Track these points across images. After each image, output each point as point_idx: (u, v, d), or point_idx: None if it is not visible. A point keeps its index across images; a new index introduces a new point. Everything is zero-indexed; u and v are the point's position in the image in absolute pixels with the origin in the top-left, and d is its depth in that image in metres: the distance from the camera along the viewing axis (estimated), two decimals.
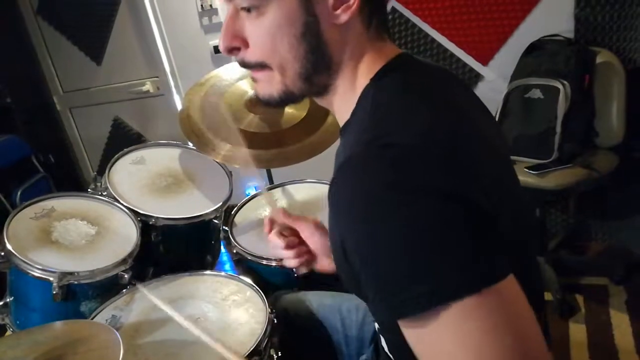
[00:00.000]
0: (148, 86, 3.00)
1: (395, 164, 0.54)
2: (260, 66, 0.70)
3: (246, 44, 0.69)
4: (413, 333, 0.55)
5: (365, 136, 0.60)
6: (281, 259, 1.36)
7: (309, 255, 1.05)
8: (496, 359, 0.50)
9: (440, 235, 0.52)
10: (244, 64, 0.71)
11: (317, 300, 1.20)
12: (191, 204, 1.55)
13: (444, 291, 0.51)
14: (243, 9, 0.67)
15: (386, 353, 0.84)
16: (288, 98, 0.72)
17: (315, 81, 0.70)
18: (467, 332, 0.51)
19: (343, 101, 0.71)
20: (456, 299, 0.51)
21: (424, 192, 0.53)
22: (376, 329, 0.88)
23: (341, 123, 0.73)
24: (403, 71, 0.68)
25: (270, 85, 0.71)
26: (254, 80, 0.74)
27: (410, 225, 0.52)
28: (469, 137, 0.62)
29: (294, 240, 1.04)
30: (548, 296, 2.01)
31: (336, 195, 0.59)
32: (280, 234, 1.05)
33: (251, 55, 0.69)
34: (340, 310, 1.15)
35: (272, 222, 1.07)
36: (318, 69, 0.69)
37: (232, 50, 0.70)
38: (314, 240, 1.03)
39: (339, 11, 0.65)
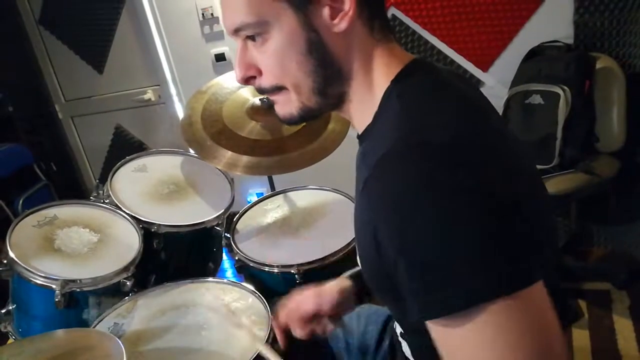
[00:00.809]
0: (149, 94, 3.01)
1: (433, 162, 0.55)
2: (277, 89, 0.71)
3: (260, 72, 0.71)
4: (441, 332, 0.56)
5: (399, 133, 0.60)
6: (284, 266, 1.38)
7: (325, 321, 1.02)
8: None
9: (477, 236, 0.52)
10: (261, 90, 0.73)
11: None
12: (193, 211, 1.55)
13: (478, 293, 0.51)
14: (248, 37, 0.68)
15: (407, 358, 0.83)
16: (307, 114, 0.73)
17: (330, 93, 0.70)
18: (491, 333, 0.52)
19: (361, 106, 0.72)
20: (489, 301, 0.51)
21: (466, 191, 0.53)
22: (398, 333, 0.88)
23: (360, 128, 0.73)
24: (424, 73, 0.69)
25: (289, 105, 0.72)
26: (273, 102, 0.75)
27: (449, 224, 0.53)
28: (495, 135, 0.63)
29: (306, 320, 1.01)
30: None
31: (373, 189, 0.59)
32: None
33: (266, 81, 0.71)
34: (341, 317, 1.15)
35: (283, 332, 1.03)
36: (330, 81, 0.69)
37: (249, 80, 0.72)
38: (328, 305, 0.99)
39: (336, 20, 0.65)
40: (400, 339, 0.87)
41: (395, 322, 0.87)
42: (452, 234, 0.53)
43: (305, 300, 1.01)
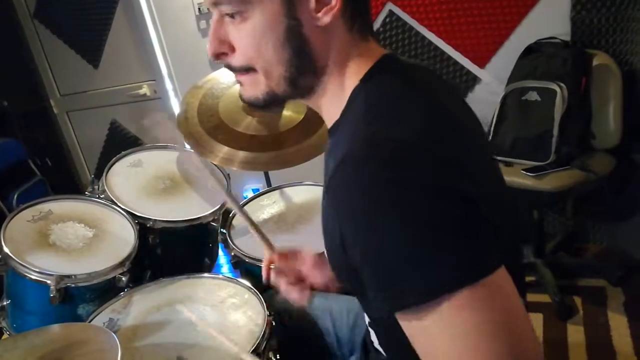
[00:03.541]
0: (145, 89, 3.00)
1: (393, 161, 0.56)
2: (246, 70, 0.70)
3: (233, 49, 0.70)
4: (410, 325, 0.57)
5: (361, 134, 0.61)
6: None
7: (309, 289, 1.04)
8: (488, 350, 0.52)
9: (438, 229, 0.53)
10: (230, 68, 0.72)
11: None
12: (189, 207, 1.55)
13: (441, 284, 0.53)
14: (227, 14, 0.67)
15: (375, 348, 0.84)
16: (272, 100, 0.72)
17: (300, 84, 0.70)
18: (461, 323, 0.53)
19: (331, 102, 0.72)
20: (452, 291, 0.52)
21: (422, 188, 0.54)
22: (366, 322, 0.88)
23: (329, 123, 0.74)
24: (391, 71, 0.69)
25: (256, 87, 0.71)
26: (239, 83, 0.74)
27: (409, 219, 0.54)
28: (459, 133, 0.64)
29: (295, 278, 1.03)
30: (546, 298, 2.02)
31: (336, 190, 0.60)
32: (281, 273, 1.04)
33: (237, 59, 0.70)
34: (331, 312, 1.16)
35: (269, 267, 1.06)
36: (303, 72, 0.69)
37: (220, 56, 0.71)
38: (316, 274, 1.02)
39: (321, 13, 0.65)
40: (369, 327, 0.87)
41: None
42: (412, 232, 0.54)
43: (304, 261, 1.02)
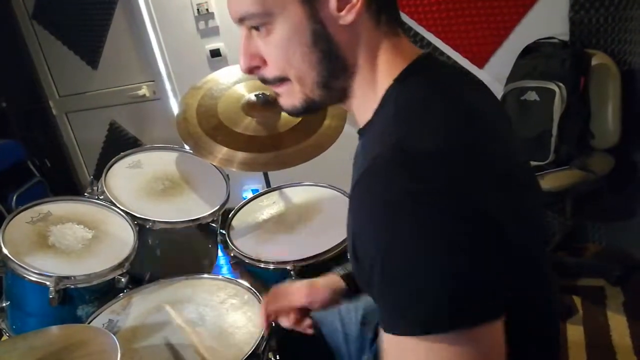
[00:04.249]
0: (144, 90, 3.00)
1: (418, 173, 0.54)
2: (280, 80, 0.71)
3: (264, 62, 0.70)
4: (389, 344, 0.56)
5: (390, 138, 0.60)
6: (279, 262, 1.38)
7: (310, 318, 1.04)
8: None
9: (448, 261, 0.52)
10: (264, 81, 0.72)
11: None
12: (188, 208, 1.55)
13: (431, 323, 0.52)
14: (253, 27, 0.68)
15: None
16: (310, 106, 0.72)
17: (333, 86, 0.70)
18: None
19: (364, 101, 0.71)
20: (446, 332, 0.51)
21: (442, 208, 0.53)
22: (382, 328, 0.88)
23: (361, 122, 0.73)
24: (426, 73, 0.68)
25: (292, 97, 0.72)
26: (276, 95, 0.74)
27: (421, 246, 0.52)
28: (491, 143, 0.62)
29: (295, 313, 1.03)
30: None
31: (358, 196, 0.59)
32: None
33: (269, 71, 0.70)
34: (339, 309, 1.15)
35: (268, 319, 1.06)
36: (335, 74, 0.69)
37: (252, 70, 0.71)
38: (315, 299, 1.02)
39: (343, 12, 0.65)
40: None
41: None
42: (422, 257, 0.52)
43: (297, 293, 1.02)
